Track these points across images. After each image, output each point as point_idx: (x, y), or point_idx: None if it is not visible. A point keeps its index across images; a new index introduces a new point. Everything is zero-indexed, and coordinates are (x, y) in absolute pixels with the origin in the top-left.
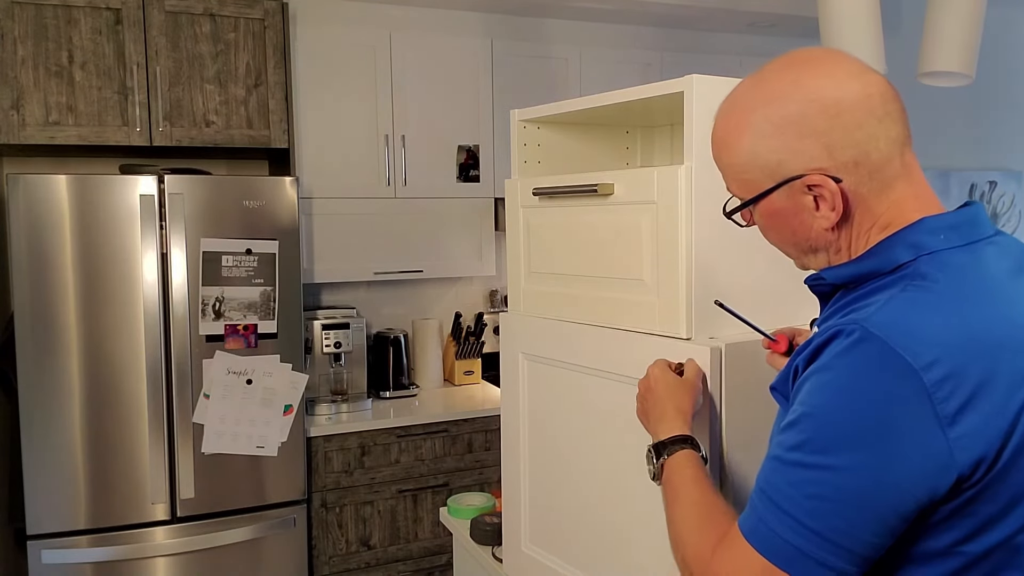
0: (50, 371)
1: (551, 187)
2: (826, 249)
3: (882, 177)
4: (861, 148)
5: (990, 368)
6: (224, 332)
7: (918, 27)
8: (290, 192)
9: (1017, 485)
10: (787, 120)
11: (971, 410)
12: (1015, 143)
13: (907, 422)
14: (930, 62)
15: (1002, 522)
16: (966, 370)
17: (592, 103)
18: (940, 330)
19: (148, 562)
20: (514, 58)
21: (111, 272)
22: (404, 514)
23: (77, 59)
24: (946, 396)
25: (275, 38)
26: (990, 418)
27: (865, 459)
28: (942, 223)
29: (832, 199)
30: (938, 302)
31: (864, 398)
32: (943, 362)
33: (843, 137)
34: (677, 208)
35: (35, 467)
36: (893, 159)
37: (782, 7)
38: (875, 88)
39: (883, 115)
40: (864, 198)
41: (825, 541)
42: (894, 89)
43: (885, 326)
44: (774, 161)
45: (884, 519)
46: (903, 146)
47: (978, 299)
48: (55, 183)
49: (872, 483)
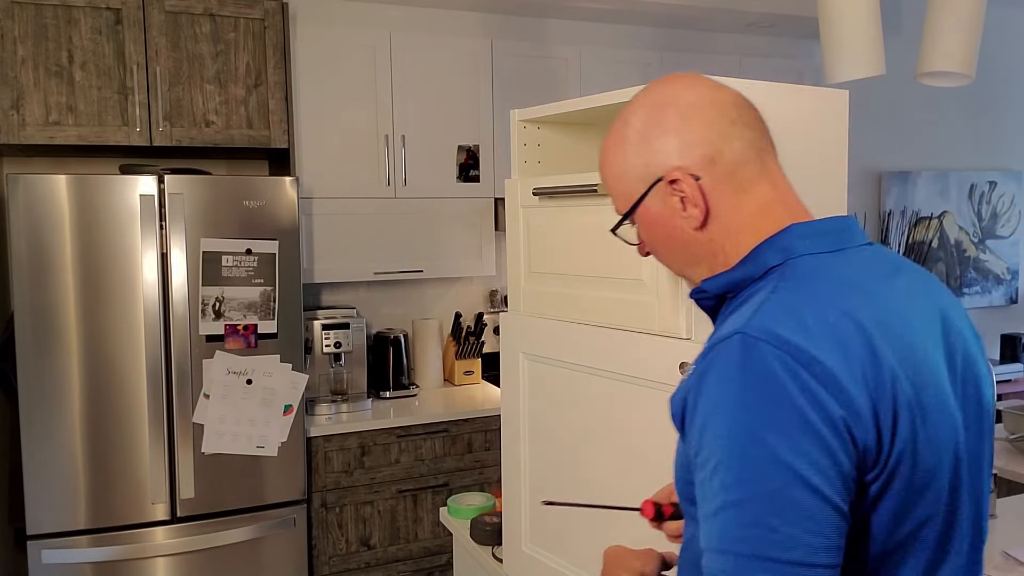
0: (50, 371)
1: (551, 187)
2: (707, 260)
3: (739, 178)
4: (715, 146)
5: (866, 358)
6: (224, 332)
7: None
8: (290, 192)
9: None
10: (648, 125)
11: (857, 397)
12: (1015, 143)
13: (802, 419)
14: (930, 62)
15: (914, 510)
16: (846, 362)
17: (592, 103)
18: (818, 325)
19: (148, 562)
20: (514, 58)
21: (111, 272)
22: (404, 514)
23: (77, 59)
24: (831, 386)
25: (275, 38)
26: (876, 408)
27: (791, 471)
28: (811, 229)
29: (693, 196)
30: (811, 298)
31: (761, 409)
32: (825, 355)
33: (697, 135)
34: None
35: (35, 467)
36: (749, 161)
37: (782, 7)
38: (727, 96)
39: (735, 118)
40: (725, 197)
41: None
42: (750, 103)
43: (762, 329)
44: (641, 165)
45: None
46: (761, 152)
47: (849, 294)
48: (55, 183)
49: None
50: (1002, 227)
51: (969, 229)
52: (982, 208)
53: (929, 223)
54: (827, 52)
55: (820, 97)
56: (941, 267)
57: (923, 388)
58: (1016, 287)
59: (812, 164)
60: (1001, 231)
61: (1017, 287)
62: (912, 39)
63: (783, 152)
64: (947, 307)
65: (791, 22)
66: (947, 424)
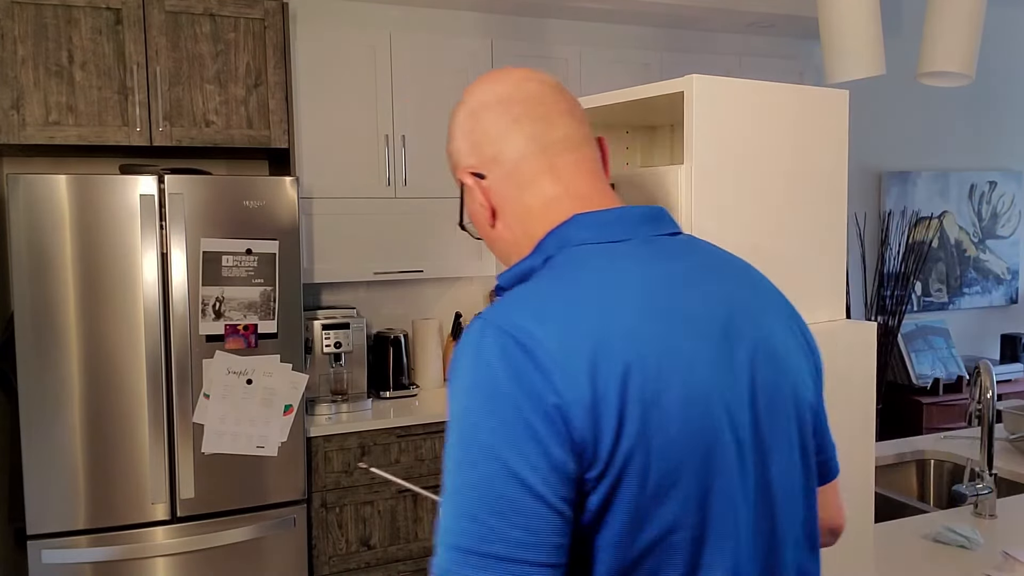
0: (50, 371)
1: None
2: (513, 253)
3: (522, 173)
4: (496, 145)
5: (598, 350)
6: (224, 332)
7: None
8: (290, 192)
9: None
10: (453, 126)
11: (576, 388)
12: (1015, 143)
13: (515, 407)
14: (930, 62)
15: (655, 514)
16: (573, 352)
17: (592, 103)
18: (554, 314)
19: (148, 562)
20: (514, 58)
21: (111, 272)
22: (404, 514)
23: (77, 59)
24: (550, 374)
25: (275, 38)
26: (597, 398)
27: (499, 460)
28: (591, 219)
29: (481, 194)
30: (560, 287)
31: (480, 395)
32: (551, 343)
33: (482, 136)
34: (677, 208)
35: (35, 467)
36: (531, 157)
37: (782, 7)
38: (519, 92)
39: (519, 115)
40: (510, 193)
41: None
42: (556, 94)
43: (499, 313)
44: (452, 163)
45: (535, 508)
46: (547, 147)
47: (603, 285)
48: (55, 183)
49: (508, 478)
50: (1002, 227)
51: (969, 229)
52: (982, 208)
53: (929, 223)
54: (827, 52)
55: (820, 97)
56: (941, 267)
57: (668, 384)
58: (1016, 287)
59: (812, 164)
60: (1001, 231)
61: (1017, 287)
62: (912, 39)
63: (783, 152)
64: (747, 301)
65: (791, 22)
66: (702, 423)
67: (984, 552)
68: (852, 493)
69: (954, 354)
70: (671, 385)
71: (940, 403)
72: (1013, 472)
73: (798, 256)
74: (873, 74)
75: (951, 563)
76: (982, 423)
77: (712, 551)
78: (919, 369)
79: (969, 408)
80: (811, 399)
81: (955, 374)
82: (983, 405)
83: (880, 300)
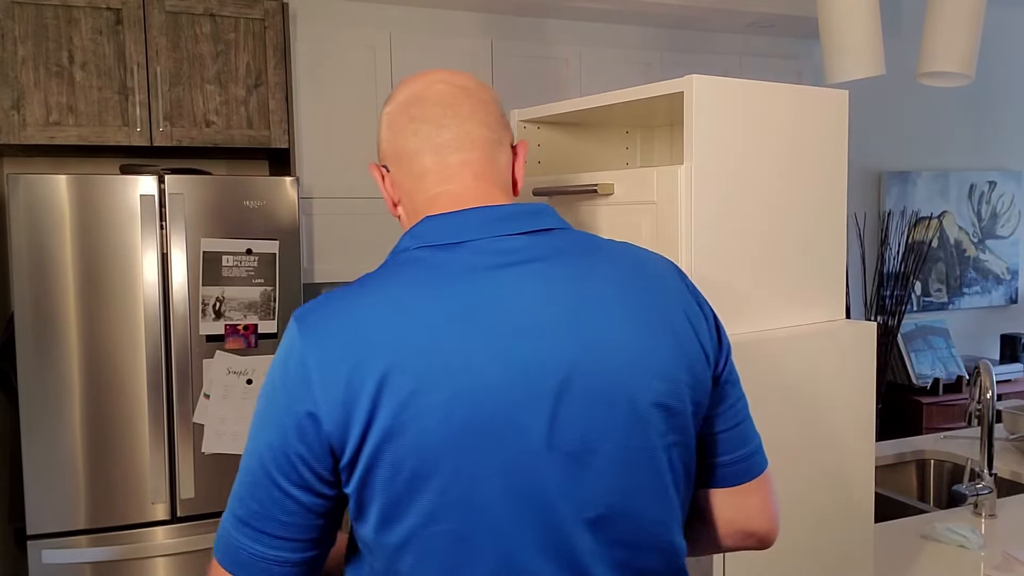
0: (50, 371)
1: (551, 187)
2: None
3: (413, 171)
4: (398, 144)
5: (361, 355)
6: (224, 332)
7: (918, 27)
8: (290, 192)
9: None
10: (379, 119)
11: (331, 392)
12: (1014, 143)
13: (286, 394)
14: (930, 62)
15: (406, 512)
16: (335, 355)
17: (592, 103)
18: (338, 316)
19: (148, 562)
20: (514, 58)
21: (111, 272)
22: None
23: (77, 59)
24: (310, 373)
25: (275, 38)
26: (350, 400)
27: (257, 432)
28: (438, 223)
29: (385, 185)
30: (360, 291)
31: (266, 382)
32: (321, 344)
33: (388, 132)
34: (677, 208)
35: (35, 467)
36: (423, 155)
37: (782, 7)
38: (425, 92)
39: (416, 115)
40: (406, 187)
41: (249, 528)
42: (462, 97)
43: (306, 309)
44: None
45: (271, 492)
46: (441, 147)
47: (398, 293)
48: (55, 183)
49: (256, 458)
50: (1002, 227)
51: (969, 229)
52: (982, 208)
53: (929, 223)
54: (827, 52)
55: (820, 97)
56: (941, 267)
57: (432, 385)
58: (1016, 287)
59: (812, 164)
60: (1001, 231)
61: (1017, 287)
62: (912, 39)
63: (783, 152)
64: (588, 301)
65: (791, 22)
66: (471, 420)
67: (984, 552)
68: (852, 493)
69: (954, 354)
70: (437, 386)
71: (940, 403)
72: (1013, 472)
73: (798, 256)
74: (873, 74)
75: (951, 563)
76: (982, 423)
77: (477, 545)
78: (919, 369)
79: (969, 408)
80: (658, 399)
81: (955, 374)
82: (983, 405)
83: (880, 300)
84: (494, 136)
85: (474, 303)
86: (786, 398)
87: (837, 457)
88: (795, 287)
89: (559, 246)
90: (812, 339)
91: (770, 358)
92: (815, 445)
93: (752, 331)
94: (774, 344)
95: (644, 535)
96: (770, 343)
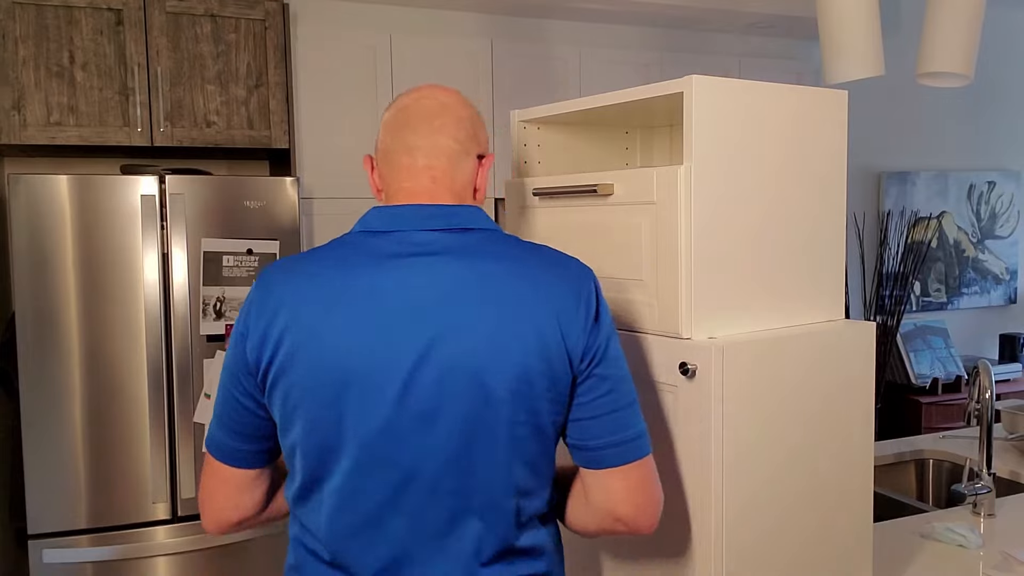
0: (51, 371)
1: (551, 187)
2: None
3: (392, 167)
4: (387, 143)
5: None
6: (225, 332)
7: (918, 27)
8: (291, 192)
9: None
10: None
11: (256, 328)
12: (1014, 143)
13: (238, 324)
14: (929, 62)
15: (290, 427)
16: (265, 302)
17: (592, 103)
18: (279, 274)
19: (149, 561)
20: (514, 58)
21: (112, 272)
22: None
23: (78, 59)
24: (251, 312)
25: (276, 39)
26: (263, 340)
27: (226, 355)
28: (381, 212)
29: (373, 175)
30: (302, 258)
31: (238, 317)
32: (264, 292)
33: (383, 134)
34: (677, 208)
35: (36, 466)
36: (400, 156)
37: (782, 8)
38: (413, 106)
39: (402, 122)
40: (387, 179)
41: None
42: (442, 114)
43: (277, 264)
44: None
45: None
46: (413, 150)
47: (321, 264)
48: (56, 183)
49: (226, 367)
50: (1001, 227)
51: (968, 229)
52: (981, 208)
53: (928, 223)
54: (826, 52)
55: (820, 97)
56: (940, 267)
57: (307, 346)
58: (1015, 287)
59: (812, 164)
60: (1000, 231)
61: (1016, 287)
62: (912, 39)
63: (782, 152)
64: (459, 295)
65: (790, 23)
66: (324, 379)
67: (983, 551)
68: (851, 493)
69: (953, 354)
70: (309, 347)
71: (939, 403)
72: (1012, 472)
73: (797, 256)
74: (872, 75)
75: (950, 563)
76: (981, 423)
77: (327, 469)
78: (918, 369)
79: (968, 408)
80: (507, 382)
81: (954, 374)
82: (982, 405)
83: (879, 300)
84: (460, 148)
85: (371, 284)
86: (785, 398)
87: (836, 457)
88: (794, 287)
89: (468, 243)
90: (811, 339)
91: (769, 358)
92: (814, 445)
93: (752, 331)
94: (773, 344)
95: (475, 494)
96: (769, 343)
